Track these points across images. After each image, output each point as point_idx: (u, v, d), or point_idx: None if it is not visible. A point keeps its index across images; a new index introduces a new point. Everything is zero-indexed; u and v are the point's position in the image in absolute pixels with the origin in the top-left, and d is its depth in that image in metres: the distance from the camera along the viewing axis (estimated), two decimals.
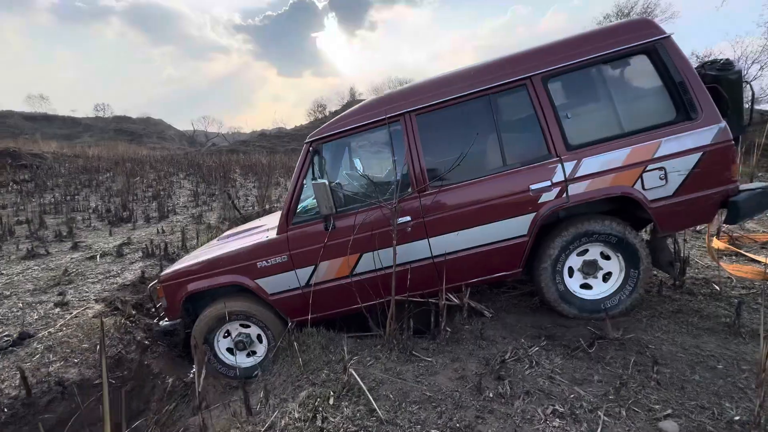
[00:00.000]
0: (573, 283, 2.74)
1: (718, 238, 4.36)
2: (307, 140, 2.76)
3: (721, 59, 2.55)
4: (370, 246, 2.68)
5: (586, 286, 2.75)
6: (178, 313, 2.95)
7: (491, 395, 1.98)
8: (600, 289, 2.73)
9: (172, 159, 17.64)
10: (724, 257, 3.90)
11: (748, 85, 2.68)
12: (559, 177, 2.50)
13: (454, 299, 2.76)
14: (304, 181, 2.75)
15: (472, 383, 2.07)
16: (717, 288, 2.99)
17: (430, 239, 2.65)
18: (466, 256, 2.65)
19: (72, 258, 4.69)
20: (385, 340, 2.52)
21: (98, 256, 4.65)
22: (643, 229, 3.38)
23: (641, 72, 2.51)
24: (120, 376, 2.97)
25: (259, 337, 3.01)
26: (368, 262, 2.71)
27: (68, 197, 10.91)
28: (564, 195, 2.51)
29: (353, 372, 2.10)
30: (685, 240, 3.97)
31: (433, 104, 2.63)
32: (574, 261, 2.71)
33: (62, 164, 15.59)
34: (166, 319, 3.02)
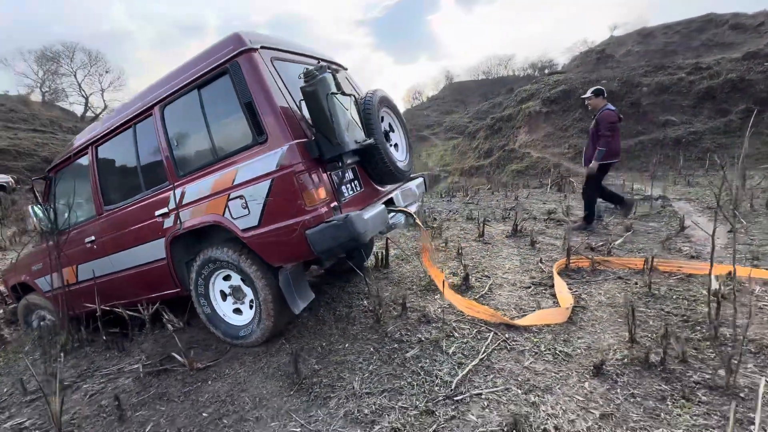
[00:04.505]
0: (226, 307, 2.73)
1: (568, 258, 3.43)
2: (48, 168, 3.37)
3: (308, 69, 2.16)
4: (80, 259, 3.16)
5: (239, 311, 2.71)
6: (13, 299, 3.96)
7: None
8: (246, 316, 2.66)
9: None
10: (537, 286, 3.11)
11: (352, 97, 2.19)
12: (172, 204, 2.54)
13: (144, 311, 3.04)
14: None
15: None
16: (405, 333, 2.54)
17: (111, 257, 2.99)
18: (133, 274, 2.91)
19: None
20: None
21: None
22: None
23: (230, 94, 2.32)
24: None
25: None
26: (84, 272, 3.20)
27: None
28: (178, 222, 2.55)
29: None
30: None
31: (104, 134, 2.91)
32: (223, 285, 2.70)
33: None
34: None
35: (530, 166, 10.51)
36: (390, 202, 2.89)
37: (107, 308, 3.04)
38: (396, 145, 3.02)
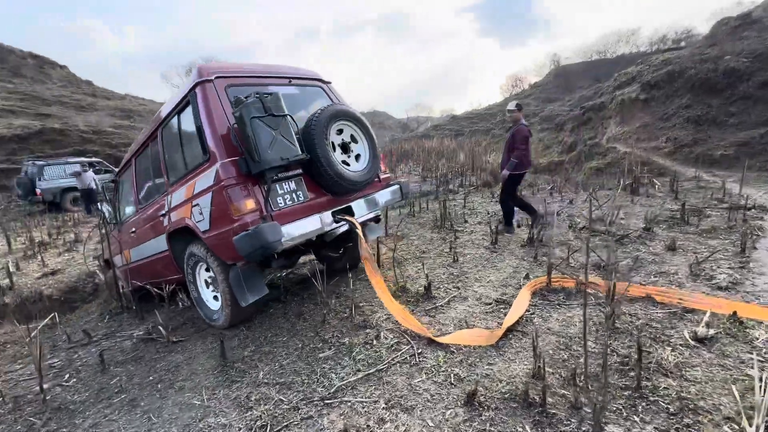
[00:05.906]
0: (209, 293, 3.27)
1: (549, 276, 3.14)
2: (114, 174, 4.37)
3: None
4: (129, 245, 4.09)
5: (216, 298, 3.22)
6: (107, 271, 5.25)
7: None
8: (219, 302, 3.15)
9: None
10: (499, 304, 2.95)
11: (286, 117, 2.41)
12: (167, 207, 3.15)
13: (164, 290, 3.79)
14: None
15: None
16: (337, 335, 2.72)
17: (142, 245, 3.80)
18: (153, 260, 3.65)
19: None
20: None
21: None
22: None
23: (192, 119, 2.75)
24: None
25: None
26: (134, 255, 4.11)
27: None
28: (169, 222, 3.14)
29: None
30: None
31: (137, 149, 3.70)
32: (206, 275, 3.24)
33: None
34: None
35: (612, 163, 9.11)
36: (349, 211, 3.06)
37: (140, 285, 3.89)
38: (358, 156, 3.15)
